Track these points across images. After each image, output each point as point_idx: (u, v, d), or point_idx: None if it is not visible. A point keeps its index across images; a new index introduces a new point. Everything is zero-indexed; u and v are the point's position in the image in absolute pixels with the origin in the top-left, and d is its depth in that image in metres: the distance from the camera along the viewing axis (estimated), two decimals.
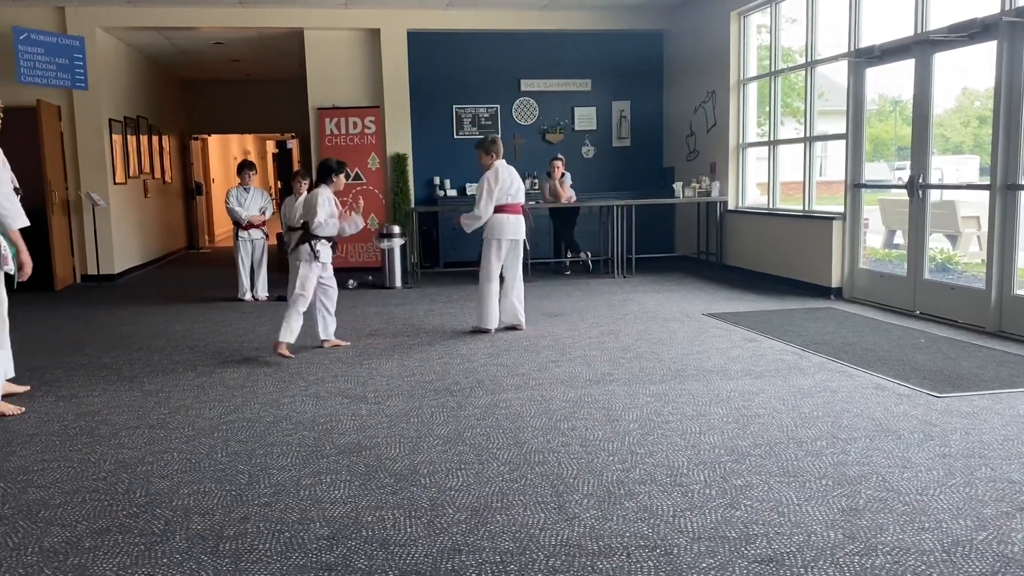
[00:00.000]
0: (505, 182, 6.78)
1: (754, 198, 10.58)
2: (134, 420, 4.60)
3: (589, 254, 10.89)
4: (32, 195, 4.87)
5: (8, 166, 4.73)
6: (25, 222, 4.70)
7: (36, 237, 4.90)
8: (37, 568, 2.85)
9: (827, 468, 3.64)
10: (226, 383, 5.41)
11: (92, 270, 10.72)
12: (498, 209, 6.77)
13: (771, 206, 9.97)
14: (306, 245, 6.09)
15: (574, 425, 4.34)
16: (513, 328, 7.01)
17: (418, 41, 11.39)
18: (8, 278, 4.77)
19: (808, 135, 9.06)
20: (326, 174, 6.19)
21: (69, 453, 4.06)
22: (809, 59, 8.99)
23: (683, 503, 3.29)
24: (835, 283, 8.35)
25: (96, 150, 10.74)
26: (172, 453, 4.03)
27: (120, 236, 11.21)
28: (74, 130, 10.63)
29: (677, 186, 10.79)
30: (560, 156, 10.64)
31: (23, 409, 4.79)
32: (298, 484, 3.58)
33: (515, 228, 6.88)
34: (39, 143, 9.87)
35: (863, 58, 7.86)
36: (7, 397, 4.87)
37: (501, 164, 6.84)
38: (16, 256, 4.72)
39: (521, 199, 6.94)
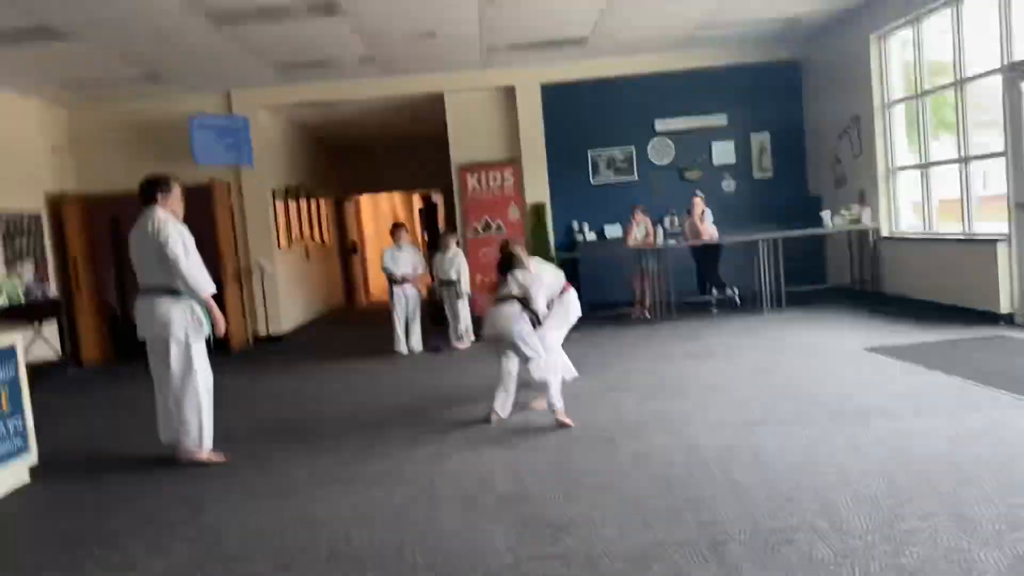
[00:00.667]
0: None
1: (908, 221, 10.10)
2: (308, 474, 4.95)
3: (736, 290, 10.69)
4: (209, 266, 5.48)
5: (193, 240, 5.33)
6: (213, 289, 5.36)
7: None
8: None
9: (1001, 512, 3.47)
10: (392, 437, 5.71)
11: (262, 331, 11.54)
12: None
13: (927, 230, 9.51)
14: (528, 321, 5.84)
15: (726, 469, 4.33)
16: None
17: (552, 93, 11.71)
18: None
19: (963, 156, 8.60)
20: (515, 264, 5.97)
21: (255, 506, 4.43)
22: (958, 77, 8.56)
23: (844, 550, 3.23)
24: (1004, 308, 7.85)
25: (262, 220, 11.63)
26: (345, 507, 4.31)
27: (286, 298, 12.03)
28: (242, 203, 11.56)
29: (825, 215, 10.49)
30: (699, 192, 10.58)
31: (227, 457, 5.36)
32: (459, 534, 3.77)
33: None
34: (213, 218, 10.80)
35: (1017, 72, 7.45)
36: None
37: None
38: (208, 318, 5.35)
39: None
